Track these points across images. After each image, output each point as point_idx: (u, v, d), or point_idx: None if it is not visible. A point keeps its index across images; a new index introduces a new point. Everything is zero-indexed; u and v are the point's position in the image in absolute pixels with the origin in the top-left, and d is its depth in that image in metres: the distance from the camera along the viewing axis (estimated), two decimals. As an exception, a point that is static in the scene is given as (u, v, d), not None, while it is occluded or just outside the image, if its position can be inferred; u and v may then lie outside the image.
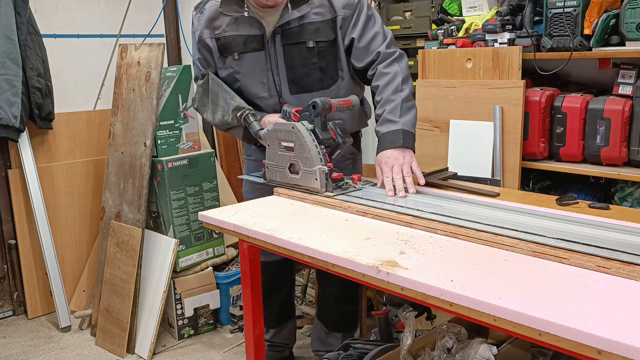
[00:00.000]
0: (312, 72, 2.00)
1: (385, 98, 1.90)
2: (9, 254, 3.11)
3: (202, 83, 2.08)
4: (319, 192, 1.77)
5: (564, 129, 2.15)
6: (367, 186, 1.87)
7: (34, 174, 3.01)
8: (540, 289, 1.07)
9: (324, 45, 1.98)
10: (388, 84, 1.91)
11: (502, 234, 1.33)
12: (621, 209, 1.68)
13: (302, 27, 1.96)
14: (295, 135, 1.79)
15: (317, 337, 2.46)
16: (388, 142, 1.83)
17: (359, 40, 1.97)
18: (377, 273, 1.21)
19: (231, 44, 2.01)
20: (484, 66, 2.25)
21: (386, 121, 1.87)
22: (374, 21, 2.00)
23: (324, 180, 1.76)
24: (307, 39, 1.96)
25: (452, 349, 1.69)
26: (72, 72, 3.39)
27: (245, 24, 1.98)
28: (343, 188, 1.80)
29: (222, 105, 2.04)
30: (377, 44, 1.96)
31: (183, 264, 2.83)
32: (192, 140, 2.90)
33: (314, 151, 1.75)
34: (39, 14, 3.17)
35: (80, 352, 2.79)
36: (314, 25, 1.96)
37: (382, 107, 1.90)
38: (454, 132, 2.34)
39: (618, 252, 1.19)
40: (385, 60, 1.95)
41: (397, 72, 1.92)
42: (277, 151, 1.87)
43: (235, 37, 2.00)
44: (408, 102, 1.90)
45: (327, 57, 2.00)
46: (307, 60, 1.99)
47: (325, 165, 1.76)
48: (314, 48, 1.97)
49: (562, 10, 2.10)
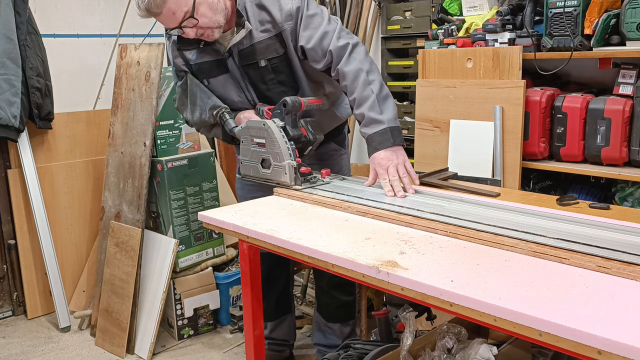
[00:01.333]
0: (272, 87, 2.05)
1: (359, 96, 1.87)
2: (8, 254, 3.11)
3: (181, 84, 2.12)
4: (289, 186, 1.86)
5: (565, 129, 2.15)
6: (335, 180, 1.96)
7: (33, 174, 3.01)
8: (540, 289, 1.07)
9: (276, 61, 2.01)
10: (355, 80, 1.88)
11: (503, 234, 1.33)
12: (622, 209, 1.68)
13: (253, 47, 1.99)
14: (266, 132, 1.87)
15: (317, 328, 2.50)
16: (378, 143, 1.83)
17: (307, 43, 1.94)
18: (377, 273, 1.21)
19: (200, 70, 2.08)
20: (484, 66, 2.25)
21: (370, 121, 1.85)
22: (318, 19, 1.95)
23: (292, 174, 1.85)
24: (259, 59, 2.00)
25: (452, 350, 1.68)
26: (72, 72, 3.39)
27: (207, 49, 2.03)
28: (311, 182, 1.90)
29: (200, 105, 2.08)
30: (326, 43, 1.92)
31: (183, 264, 2.82)
32: (192, 140, 2.90)
33: (284, 147, 1.84)
34: (39, 14, 3.17)
35: (79, 353, 2.79)
36: (263, 43, 1.98)
37: (359, 107, 1.87)
38: (454, 132, 2.34)
39: (618, 252, 1.18)
40: (341, 57, 1.91)
41: (359, 66, 1.88)
42: (250, 147, 1.95)
43: (201, 64, 2.07)
44: (382, 93, 1.87)
45: (283, 70, 2.03)
46: (264, 78, 2.03)
47: (294, 160, 1.84)
48: (267, 66, 2.01)
49: (562, 10, 2.09)
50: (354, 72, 1.88)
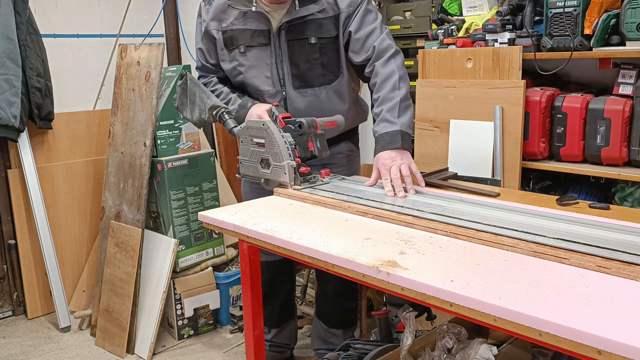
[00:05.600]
0: (314, 67, 2.03)
1: (384, 96, 1.92)
2: (8, 254, 3.11)
3: (181, 83, 2.12)
4: (288, 185, 1.85)
5: (564, 129, 2.15)
6: (335, 180, 1.96)
7: (33, 174, 3.01)
8: (540, 289, 1.07)
9: (325, 42, 2.01)
10: (385, 81, 1.93)
11: (502, 234, 1.33)
12: (621, 209, 1.68)
13: (305, 23, 1.99)
14: (265, 132, 1.87)
15: (318, 335, 2.46)
16: (386, 142, 1.84)
17: (355, 32, 1.99)
18: (377, 273, 1.21)
19: (238, 37, 2.04)
20: (484, 66, 2.25)
21: (384, 121, 1.88)
22: (374, 16, 2.02)
23: (292, 174, 1.85)
24: (310, 35, 1.99)
25: (452, 350, 1.68)
26: (72, 72, 3.38)
27: (252, 19, 2.01)
28: (311, 182, 1.90)
29: (199, 104, 2.08)
30: (373, 39, 1.98)
31: (183, 264, 2.82)
32: (192, 140, 2.90)
33: (283, 147, 1.84)
34: (39, 14, 3.17)
35: (80, 353, 2.79)
36: (317, 21, 1.99)
37: (380, 106, 1.92)
38: (454, 132, 2.34)
39: (618, 252, 1.18)
40: (381, 57, 1.96)
41: (394, 70, 1.94)
42: (250, 147, 1.95)
43: (242, 31, 2.03)
44: (406, 102, 1.92)
45: (328, 53, 2.03)
46: (309, 56, 2.02)
47: (293, 160, 1.84)
48: (316, 44, 2.00)
49: (562, 10, 2.09)
50: (387, 74, 1.94)
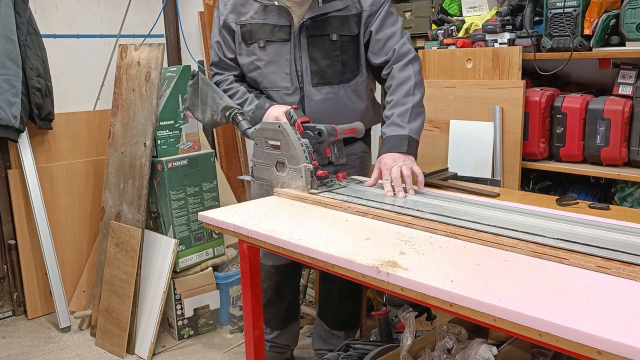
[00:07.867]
0: (334, 65, 2.01)
1: (397, 100, 1.91)
2: (8, 254, 3.11)
3: (192, 83, 2.10)
4: (305, 189, 1.81)
5: (564, 129, 2.15)
6: (352, 184, 1.92)
7: (33, 174, 3.01)
8: (540, 289, 1.07)
9: (347, 40, 2.00)
10: (401, 85, 1.93)
11: (502, 234, 1.33)
12: (621, 209, 1.68)
13: (327, 20, 1.97)
14: (281, 134, 1.82)
15: (319, 336, 2.46)
16: (392, 145, 1.84)
17: (376, 33, 1.99)
18: (377, 273, 1.21)
19: (257, 32, 2.02)
20: (484, 66, 2.25)
21: (394, 124, 1.88)
22: (394, 19, 2.02)
23: (309, 178, 1.80)
24: (331, 32, 1.98)
25: (452, 350, 1.68)
26: (72, 72, 3.38)
27: (273, 13, 1.99)
28: (328, 185, 1.85)
29: (211, 105, 2.06)
30: (393, 42, 1.98)
31: (183, 264, 2.82)
32: (192, 140, 2.90)
33: (300, 150, 1.79)
34: (39, 14, 3.17)
35: (80, 353, 2.79)
36: (340, 18, 1.98)
37: (392, 109, 1.91)
38: (454, 132, 2.34)
39: (618, 252, 1.19)
40: (400, 60, 1.96)
41: (411, 75, 1.93)
42: (264, 149, 1.90)
43: (262, 25, 2.01)
44: (418, 108, 1.91)
45: (349, 51, 2.02)
46: (329, 53, 2.00)
47: (310, 163, 1.80)
48: (337, 41, 1.99)
49: (562, 10, 2.10)
50: (403, 78, 1.93)
